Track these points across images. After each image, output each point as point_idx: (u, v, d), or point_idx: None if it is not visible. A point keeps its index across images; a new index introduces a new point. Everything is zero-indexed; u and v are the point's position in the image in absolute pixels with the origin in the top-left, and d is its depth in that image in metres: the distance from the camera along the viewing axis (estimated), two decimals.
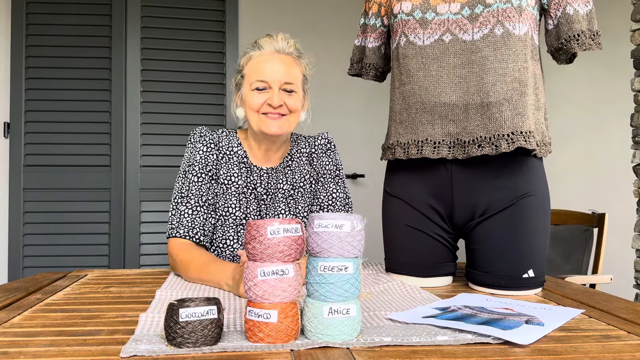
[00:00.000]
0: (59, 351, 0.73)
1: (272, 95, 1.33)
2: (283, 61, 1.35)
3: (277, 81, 1.33)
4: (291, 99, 1.35)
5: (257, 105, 1.34)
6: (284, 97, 1.34)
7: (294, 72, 1.36)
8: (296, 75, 1.37)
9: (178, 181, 1.39)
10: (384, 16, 1.33)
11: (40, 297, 1.09)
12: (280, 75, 1.33)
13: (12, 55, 3.03)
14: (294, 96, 1.36)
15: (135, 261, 3.09)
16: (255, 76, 1.34)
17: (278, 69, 1.34)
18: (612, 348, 0.76)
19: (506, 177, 1.17)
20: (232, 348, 0.74)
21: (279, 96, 1.33)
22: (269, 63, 1.34)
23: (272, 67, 1.34)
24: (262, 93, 1.34)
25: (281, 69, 1.34)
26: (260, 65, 1.34)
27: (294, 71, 1.37)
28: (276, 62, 1.35)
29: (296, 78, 1.37)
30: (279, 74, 1.33)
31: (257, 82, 1.34)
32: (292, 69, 1.36)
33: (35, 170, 3.04)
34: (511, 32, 1.13)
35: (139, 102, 3.12)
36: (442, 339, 0.77)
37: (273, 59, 1.35)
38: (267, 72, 1.33)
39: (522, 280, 1.15)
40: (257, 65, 1.35)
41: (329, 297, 0.76)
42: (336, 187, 1.46)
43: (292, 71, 1.36)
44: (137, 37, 3.12)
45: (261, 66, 1.34)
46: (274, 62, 1.34)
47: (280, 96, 1.33)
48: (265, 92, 1.34)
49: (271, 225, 0.76)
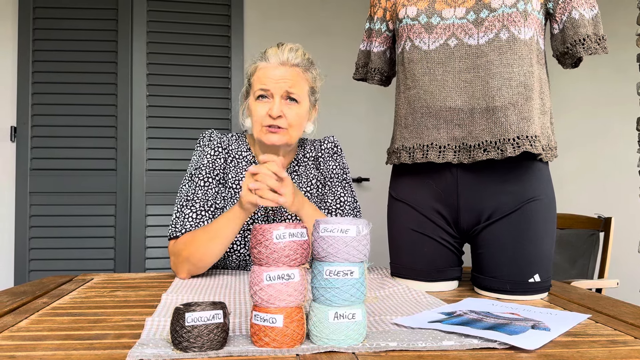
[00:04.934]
0: (66, 355, 0.74)
1: (273, 105, 1.33)
2: (288, 71, 1.35)
3: (279, 90, 1.33)
4: (293, 110, 1.35)
5: (259, 117, 1.34)
6: (285, 108, 1.34)
7: (298, 83, 1.36)
8: (301, 86, 1.36)
9: (184, 183, 1.39)
10: (389, 21, 1.34)
11: (47, 301, 1.10)
12: (282, 83, 1.33)
13: (19, 59, 3.05)
14: (297, 107, 1.35)
15: (141, 265, 3.09)
16: (258, 85, 1.35)
17: (281, 77, 1.34)
18: (618, 353, 0.75)
19: (512, 181, 1.17)
20: (238, 352, 0.74)
21: (280, 106, 1.33)
22: (273, 72, 1.34)
23: (275, 75, 1.34)
24: (265, 103, 1.34)
25: (284, 78, 1.34)
26: (264, 75, 1.35)
27: (299, 82, 1.36)
28: (280, 72, 1.34)
29: (301, 88, 1.36)
30: (281, 83, 1.33)
31: (260, 90, 1.34)
32: (296, 80, 1.35)
33: (42, 174, 3.06)
34: (516, 37, 1.13)
35: (144, 106, 3.13)
36: (448, 344, 0.77)
37: (277, 69, 1.35)
38: (270, 80, 1.34)
39: (528, 285, 1.14)
40: (262, 75, 1.35)
41: (334, 301, 0.76)
42: (343, 191, 1.46)
43: (296, 81, 1.35)
44: (143, 41, 3.13)
45: (265, 75, 1.35)
46: (277, 71, 1.34)
47: (281, 106, 1.33)
48: (267, 102, 1.34)
49: (277, 229, 0.76)
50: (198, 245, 1.26)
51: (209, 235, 1.26)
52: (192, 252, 1.27)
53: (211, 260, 1.28)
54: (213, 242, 1.25)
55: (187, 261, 1.28)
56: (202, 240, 1.26)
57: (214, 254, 1.27)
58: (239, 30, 3.24)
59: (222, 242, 1.25)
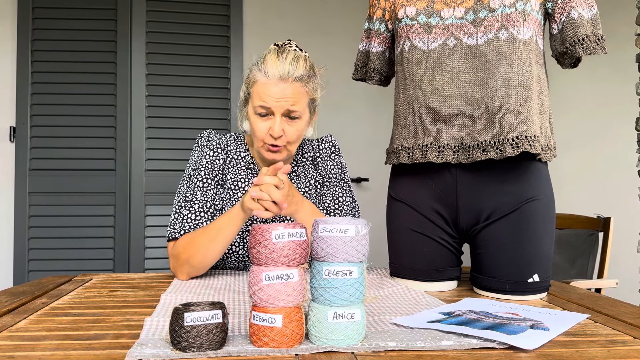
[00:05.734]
0: (65, 355, 0.74)
1: (274, 125, 1.31)
2: (288, 89, 1.31)
3: (280, 108, 1.31)
4: (293, 127, 1.33)
5: (260, 133, 1.33)
6: (285, 126, 1.32)
7: (299, 99, 1.32)
8: (301, 101, 1.33)
9: (183, 184, 1.39)
10: (388, 21, 1.34)
11: (46, 301, 1.10)
12: (283, 102, 1.30)
13: (18, 59, 3.05)
14: (297, 123, 1.34)
15: (140, 265, 3.09)
16: (258, 101, 1.32)
17: (281, 96, 1.30)
18: (617, 353, 0.76)
19: (511, 181, 1.17)
20: (237, 352, 0.74)
21: (280, 125, 1.31)
22: (274, 88, 1.30)
23: (276, 94, 1.30)
24: (265, 120, 1.33)
25: (285, 96, 1.30)
26: (264, 92, 1.31)
27: (300, 98, 1.33)
28: (280, 89, 1.30)
29: (301, 104, 1.33)
30: (282, 102, 1.30)
31: (260, 107, 1.32)
32: (297, 97, 1.32)
33: (41, 174, 3.05)
34: (515, 37, 1.13)
35: (144, 106, 3.13)
36: (447, 343, 0.77)
37: (278, 86, 1.30)
38: (270, 99, 1.30)
39: (527, 285, 1.14)
40: (262, 90, 1.31)
41: (333, 301, 0.76)
42: (342, 191, 1.46)
43: (297, 98, 1.32)
44: (142, 42, 3.13)
45: (265, 93, 1.31)
46: (278, 89, 1.30)
47: (282, 125, 1.32)
48: (267, 119, 1.33)
49: (276, 229, 0.76)
50: (198, 247, 1.26)
51: (209, 236, 1.26)
52: (192, 254, 1.27)
53: (211, 262, 1.28)
54: (213, 243, 1.25)
55: (187, 263, 1.28)
56: (202, 242, 1.26)
57: (214, 255, 1.27)
58: (238, 30, 3.24)
59: (222, 243, 1.25)
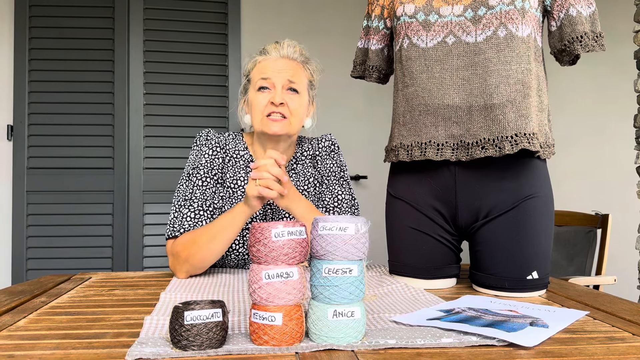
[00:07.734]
0: (65, 354, 0.74)
1: (275, 94, 1.34)
2: (288, 63, 1.38)
3: (281, 80, 1.36)
4: (294, 100, 1.36)
5: (260, 105, 1.35)
6: (286, 97, 1.35)
7: (298, 74, 1.39)
8: (301, 78, 1.39)
9: (182, 183, 1.39)
10: (386, 18, 1.33)
11: (45, 300, 1.10)
12: (284, 73, 1.36)
13: (15, 58, 3.04)
14: (298, 98, 1.37)
15: (139, 263, 3.09)
16: (259, 75, 1.37)
17: (282, 68, 1.37)
18: (616, 350, 0.76)
19: (510, 179, 1.17)
20: (237, 351, 0.74)
21: (282, 95, 1.35)
22: (274, 63, 1.38)
23: (277, 66, 1.37)
24: (266, 93, 1.36)
25: (285, 69, 1.37)
26: (265, 67, 1.38)
27: (299, 73, 1.39)
28: (281, 63, 1.38)
29: (301, 80, 1.39)
30: (282, 73, 1.36)
31: (261, 80, 1.37)
32: (297, 71, 1.39)
33: (39, 172, 3.05)
34: (514, 34, 1.13)
35: (141, 105, 3.12)
36: (446, 341, 0.77)
37: (278, 61, 1.38)
38: (271, 71, 1.37)
39: (526, 282, 1.14)
40: (263, 66, 1.38)
41: (333, 299, 0.76)
42: (341, 189, 1.46)
43: (296, 73, 1.39)
44: (139, 40, 3.13)
45: (266, 67, 1.38)
46: (278, 63, 1.38)
47: (283, 95, 1.35)
48: (268, 92, 1.36)
49: (275, 227, 0.76)
50: (199, 246, 1.26)
51: (210, 235, 1.26)
52: (192, 253, 1.27)
53: (211, 261, 1.28)
54: (214, 242, 1.25)
55: (187, 262, 1.28)
56: (202, 241, 1.26)
57: (215, 255, 1.27)
58: (236, 28, 3.24)
59: (223, 242, 1.25)
